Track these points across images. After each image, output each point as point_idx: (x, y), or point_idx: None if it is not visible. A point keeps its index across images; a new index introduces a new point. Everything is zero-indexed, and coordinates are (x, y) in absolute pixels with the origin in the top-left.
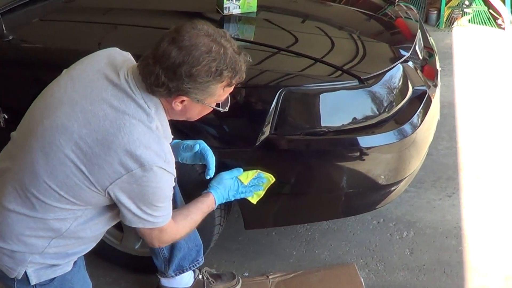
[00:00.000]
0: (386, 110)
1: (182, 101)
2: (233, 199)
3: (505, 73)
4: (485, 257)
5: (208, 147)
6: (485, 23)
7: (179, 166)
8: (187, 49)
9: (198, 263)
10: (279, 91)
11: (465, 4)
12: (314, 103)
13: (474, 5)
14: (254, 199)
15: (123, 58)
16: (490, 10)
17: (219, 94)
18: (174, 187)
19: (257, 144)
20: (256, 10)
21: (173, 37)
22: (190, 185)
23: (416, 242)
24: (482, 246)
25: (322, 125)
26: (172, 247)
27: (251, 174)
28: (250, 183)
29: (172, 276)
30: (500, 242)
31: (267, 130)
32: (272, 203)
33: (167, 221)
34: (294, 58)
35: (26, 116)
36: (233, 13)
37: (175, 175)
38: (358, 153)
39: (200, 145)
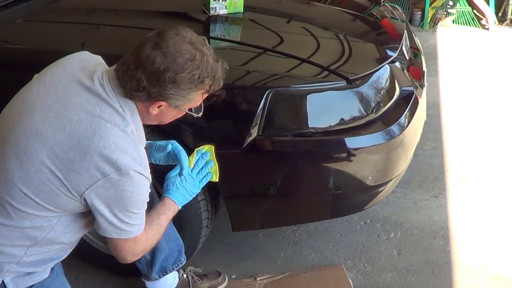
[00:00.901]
0: (374, 111)
1: (159, 106)
2: (199, 190)
3: (489, 73)
4: (473, 257)
5: (181, 147)
6: (469, 24)
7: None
8: (171, 55)
9: (181, 263)
10: (267, 92)
11: (449, 5)
12: (301, 104)
13: (458, 6)
14: (215, 177)
15: (95, 62)
16: (474, 11)
17: (197, 100)
18: (150, 193)
19: (244, 145)
20: (242, 11)
21: (156, 42)
22: None
23: (403, 242)
24: (470, 246)
25: (309, 126)
26: (154, 250)
27: (192, 157)
28: (198, 165)
29: (156, 279)
30: (488, 242)
31: (254, 132)
32: (259, 205)
33: (141, 230)
34: (281, 58)
35: None
36: (220, 13)
37: (151, 181)
38: (346, 154)
39: (173, 145)
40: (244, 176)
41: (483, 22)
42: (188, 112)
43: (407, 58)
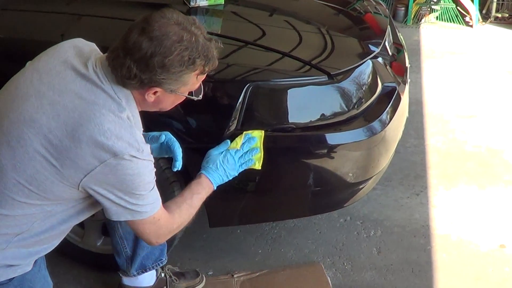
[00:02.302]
0: (355, 106)
1: (155, 92)
2: (236, 174)
3: (472, 70)
4: (454, 257)
5: (175, 138)
6: (453, 20)
7: None
8: (158, 39)
9: (162, 263)
10: (246, 85)
11: (433, 1)
12: (281, 99)
13: (442, 2)
14: (257, 165)
15: (89, 48)
16: (458, 8)
17: (193, 83)
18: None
19: (223, 139)
20: (223, 3)
21: (142, 27)
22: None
23: (383, 241)
24: (451, 245)
25: (289, 121)
26: (135, 246)
27: (239, 139)
28: (243, 148)
29: (134, 275)
30: (469, 241)
31: (233, 126)
32: (238, 200)
33: (156, 209)
34: (262, 52)
35: None
36: (200, 5)
37: (153, 161)
38: (326, 150)
39: (166, 136)
40: None
41: (467, 19)
42: (188, 96)
43: (390, 53)
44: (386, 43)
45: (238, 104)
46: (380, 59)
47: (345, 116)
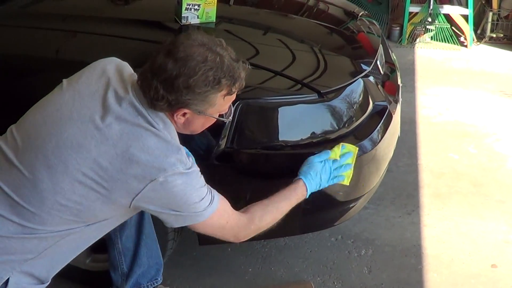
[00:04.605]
0: (346, 125)
1: (184, 114)
2: (327, 185)
3: (466, 90)
4: (445, 277)
5: (190, 152)
6: (448, 41)
7: None
8: (182, 60)
9: (157, 282)
10: (236, 103)
11: (428, 21)
12: (272, 117)
13: (437, 22)
14: (346, 181)
15: (128, 71)
16: (453, 28)
17: (220, 104)
18: None
19: (212, 157)
20: (215, 21)
21: (168, 49)
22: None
23: (374, 260)
24: (442, 265)
25: (279, 139)
26: (133, 263)
27: (337, 149)
28: (341, 161)
29: None
30: (460, 261)
31: (223, 143)
32: None
33: (215, 207)
34: (253, 70)
35: (24, 127)
36: (192, 23)
37: (198, 169)
38: None
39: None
40: None
41: (462, 39)
42: (218, 118)
43: (382, 72)
44: (378, 62)
45: (228, 122)
46: (371, 78)
47: (335, 134)
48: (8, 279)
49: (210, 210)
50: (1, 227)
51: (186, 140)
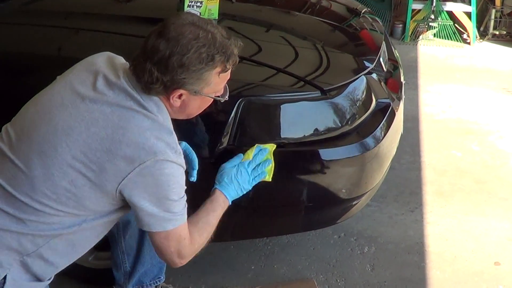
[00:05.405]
0: (349, 122)
1: (180, 96)
2: (250, 187)
3: (469, 87)
4: (448, 274)
5: (191, 148)
6: (451, 38)
7: None
8: (174, 39)
9: (160, 281)
10: (239, 100)
11: (431, 18)
12: (274, 114)
13: (440, 19)
14: (268, 177)
15: (119, 60)
16: (456, 25)
17: (216, 82)
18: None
19: (215, 154)
20: (217, 18)
21: (159, 31)
22: None
23: (377, 257)
24: (445, 262)
25: (282, 136)
26: (136, 261)
27: (250, 151)
28: (256, 161)
29: None
30: (463, 258)
31: (225, 141)
32: (230, 216)
33: (183, 221)
34: (255, 67)
35: (18, 122)
36: None
37: (185, 168)
38: (319, 166)
39: (184, 145)
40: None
41: (465, 36)
42: (215, 97)
43: (385, 70)
44: (381, 59)
45: (230, 119)
46: (374, 75)
47: (338, 132)
48: (6, 275)
49: (181, 220)
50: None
51: (188, 137)
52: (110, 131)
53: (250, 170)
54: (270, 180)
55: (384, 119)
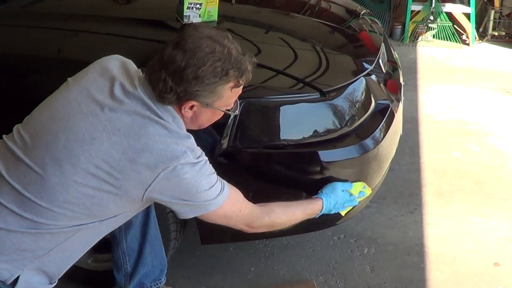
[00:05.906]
0: (348, 124)
1: (191, 107)
2: (333, 212)
3: (468, 88)
4: (448, 275)
5: None
6: (450, 39)
7: None
8: (191, 51)
9: (160, 283)
10: (239, 102)
11: (430, 19)
12: (274, 116)
13: (439, 20)
14: (343, 213)
15: (133, 67)
16: (455, 26)
17: (228, 96)
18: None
19: (214, 156)
20: (217, 20)
21: (176, 41)
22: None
23: (377, 259)
24: (445, 263)
25: (281, 138)
26: (137, 263)
27: (359, 186)
28: (357, 199)
29: None
30: (463, 259)
31: (225, 143)
32: None
33: (224, 198)
34: (254, 69)
35: (32, 125)
36: (193, 22)
37: (206, 158)
38: (319, 168)
39: None
40: None
41: (464, 37)
42: (225, 111)
43: (384, 71)
44: (380, 61)
45: (230, 121)
46: (373, 77)
47: (337, 133)
48: (18, 277)
49: (221, 199)
50: (14, 223)
51: None
52: (132, 141)
53: (347, 200)
54: (343, 215)
55: (384, 120)
